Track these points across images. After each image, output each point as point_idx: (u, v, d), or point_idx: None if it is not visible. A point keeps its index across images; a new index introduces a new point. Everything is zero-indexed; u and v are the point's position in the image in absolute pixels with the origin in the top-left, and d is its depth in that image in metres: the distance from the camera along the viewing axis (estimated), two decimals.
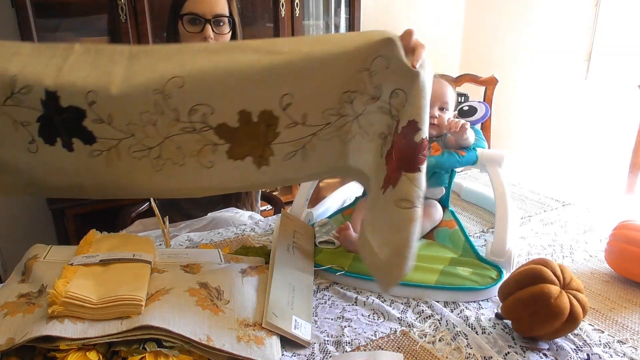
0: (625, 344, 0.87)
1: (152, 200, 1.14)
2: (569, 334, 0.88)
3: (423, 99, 0.80)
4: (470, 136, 1.13)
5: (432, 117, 1.18)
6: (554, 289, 0.84)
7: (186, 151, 0.91)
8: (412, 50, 0.80)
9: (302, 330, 0.87)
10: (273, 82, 0.86)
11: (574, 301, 0.84)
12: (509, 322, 0.92)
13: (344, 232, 1.10)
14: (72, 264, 0.86)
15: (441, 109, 1.18)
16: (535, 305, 0.83)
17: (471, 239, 1.13)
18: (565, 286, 0.86)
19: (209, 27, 1.32)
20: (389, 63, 0.83)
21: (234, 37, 1.41)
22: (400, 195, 0.81)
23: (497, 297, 1.00)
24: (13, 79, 0.83)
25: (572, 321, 0.83)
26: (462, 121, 1.09)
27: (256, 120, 0.89)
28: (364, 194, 1.31)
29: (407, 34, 0.81)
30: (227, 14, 1.37)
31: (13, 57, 0.85)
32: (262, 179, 0.96)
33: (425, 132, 0.79)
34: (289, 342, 0.86)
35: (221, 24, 1.36)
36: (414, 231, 0.80)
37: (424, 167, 0.80)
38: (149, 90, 0.85)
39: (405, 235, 0.80)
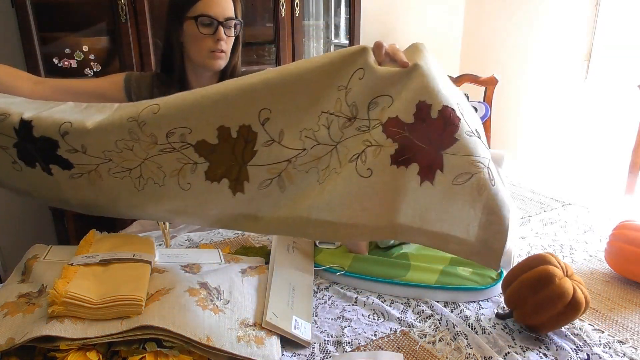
0: (625, 344, 0.87)
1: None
2: (570, 335, 0.88)
3: (428, 79, 0.78)
4: None
5: None
6: (558, 272, 0.86)
7: (167, 170, 0.90)
8: (392, 57, 0.80)
9: (302, 330, 0.87)
10: (250, 98, 0.86)
11: (577, 288, 0.85)
12: (509, 322, 0.92)
13: None
14: (72, 264, 0.86)
15: None
16: (539, 284, 0.85)
17: None
18: (569, 277, 0.87)
19: (221, 29, 1.34)
20: (364, 74, 0.81)
21: (236, 39, 1.42)
22: (454, 172, 0.78)
23: (497, 297, 1.00)
24: None
25: (574, 306, 0.84)
26: None
27: (235, 136, 0.88)
28: None
29: (377, 47, 0.80)
30: (235, 17, 1.39)
31: (1, 98, 0.89)
32: (237, 208, 0.93)
33: (439, 104, 0.76)
34: (289, 342, 0.86)
35: (230, 26, 1.38)
36: (492, 190, 0.76)
37: (461, 132, 0.77)
38: (123, 119, 0.86)
39: (486, 200, 0.76)
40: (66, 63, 1.79)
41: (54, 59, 1.77)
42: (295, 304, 0.93)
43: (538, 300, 0.85)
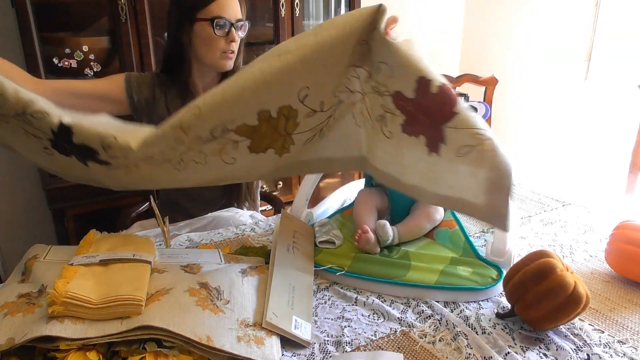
0: (625, 344, 0.87)
1: (152, 200, 1.14)
2: (570, 335, 0.88)
3: (422, 58, 0.80)
4: None
5: None
6: (560, 265, 0.87)
7: (208, 152, 0.91)
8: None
9: (303, 330, 0.87)
10: (289, 80, 0.86)
11: (578, 283, 0.86)
12: (509, 322, 0.92)
13: (364, 236, 1.09)
14: (72, 264, 0.86)
15: None
16: (541, 275, 0.86)
17: (471, 239, 1.13)
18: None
19: (233, 31, 1.37)
20: (378, 34, 0.83)
21: (240, 39, 1.44)
22: (456, 145, 0.80)
23: (498, 297, 1.00)
24: (29, 102, 0.82)
25: (575, 299, 0.85)
26: None
27: (275, 116, 0.90)
28: (368, 186, 1.31)
29: (392, 20, 0.82)
30: (243, 18, 1.41)
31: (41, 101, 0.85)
32: (283, 162, 0.98)
33: (438, 79, 0.78)
34: (289, 342, 0.86)
35: (241, 27, 1.40)
36: (494, 160, 0.77)
37: (460, 107, 0.79)
38: (167, 130, 0.85)
39: (489, 170, 0.78)
40: (66, 63, 1.79)
41: (54, 59, 1.77)
42: (296, 304, 0.93)
43: (540, 290, 0.86)
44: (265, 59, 0.86)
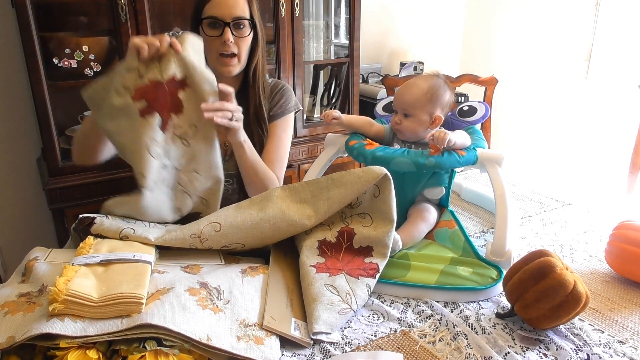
0: (625, 344, 0.87)
1: None
2: (570, 335, 0.88)
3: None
4: (459, 139, 1.12)
5: (395, 122, 1.23)
6: (560, 264, 0.88)
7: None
8: None
9: (303, 331, 0.87)
10: (302, 227, 1.04)
11: (577, 282, 0.86)
12: (509, 322, 0.92)
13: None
14: (72, 264, 0.86)
15: (405, 115, 1.21)
16: (540, 274, 0.86)
17: (471, 239, 1.13)
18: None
19: (228, 31, 1.28)
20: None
21: (255, 39, 1.36)
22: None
23: (497, 297, 1.00)
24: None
25: (575, 297, 0.85)
26: (444, 134, 1.08)
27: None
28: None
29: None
30: (247, 17, 1.31)
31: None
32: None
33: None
34: (289, 342, 0.86)
35: (241, 26, 1.31)
36: None
37: None
38: (186, 235, 0.99)
39: None
40: (66, 63, 1.79)
41: (54, 59, 1.77)
42: (294, 305, 0.93)
43: (539, 289, 0.86)
44: (292, 202, 1.04)
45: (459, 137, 1.12)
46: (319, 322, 0.87)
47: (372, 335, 0.89)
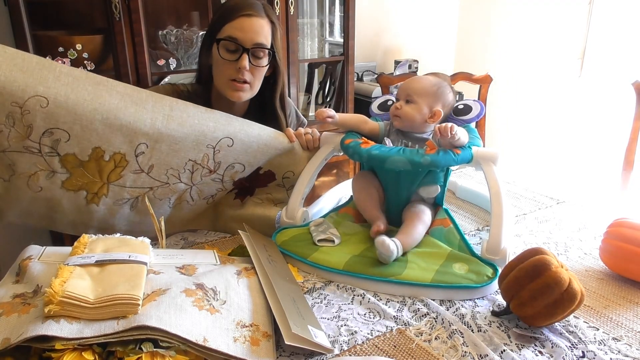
0: (620, 341, 0.88)
1: (146, 199, 1.13)
2: (565, 332, 0.89)
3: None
4: (463, 136, 1.13)
5: (394, 108, 1.22)
6: (555, 261, 0.88)
7: (18, 169, 0.89)
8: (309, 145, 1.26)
9: (321, 338, 0.85)
10: (134, 132, 0.94)
11: (572, 279, 0.87)
12: (504, 319, 0.93)
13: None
14: (67, 264, 0.86)
15: (407, 101, 1.21)
16: (536, 272, 0.87)
17: (466, 237, 1.14)
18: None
19: (245, 57, 1.20)
20: (233, 142, 1.08)
21: (273, 71, 1.30)
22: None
23: (493, 295, 1.01)
24: None
25: (570, 295, 0.85)
26: (450, 124, 1.08)
27: (107, 159, 0.95)
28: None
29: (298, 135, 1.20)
30: (268, 46, 1.24)
31: None
32: (84, 216, 1.04)
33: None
34: (285, 343, 0.85)
35: (260, 55, 1.24)
36: None
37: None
38: (7, 100, 0.83)
39: None
40: (60, 61, 1.78)
41: (48, 58, 1.76)
42: (303, 314, 0.91)
43: (535, 287, 0.86)
44: (125, 97, 0.93)
45: (462, 134, 1.13)
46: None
47: (368, 333, 0.89)
